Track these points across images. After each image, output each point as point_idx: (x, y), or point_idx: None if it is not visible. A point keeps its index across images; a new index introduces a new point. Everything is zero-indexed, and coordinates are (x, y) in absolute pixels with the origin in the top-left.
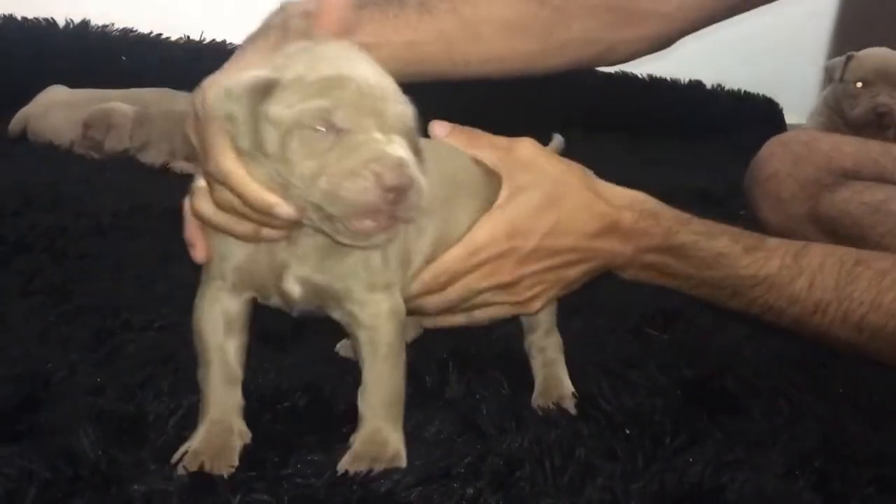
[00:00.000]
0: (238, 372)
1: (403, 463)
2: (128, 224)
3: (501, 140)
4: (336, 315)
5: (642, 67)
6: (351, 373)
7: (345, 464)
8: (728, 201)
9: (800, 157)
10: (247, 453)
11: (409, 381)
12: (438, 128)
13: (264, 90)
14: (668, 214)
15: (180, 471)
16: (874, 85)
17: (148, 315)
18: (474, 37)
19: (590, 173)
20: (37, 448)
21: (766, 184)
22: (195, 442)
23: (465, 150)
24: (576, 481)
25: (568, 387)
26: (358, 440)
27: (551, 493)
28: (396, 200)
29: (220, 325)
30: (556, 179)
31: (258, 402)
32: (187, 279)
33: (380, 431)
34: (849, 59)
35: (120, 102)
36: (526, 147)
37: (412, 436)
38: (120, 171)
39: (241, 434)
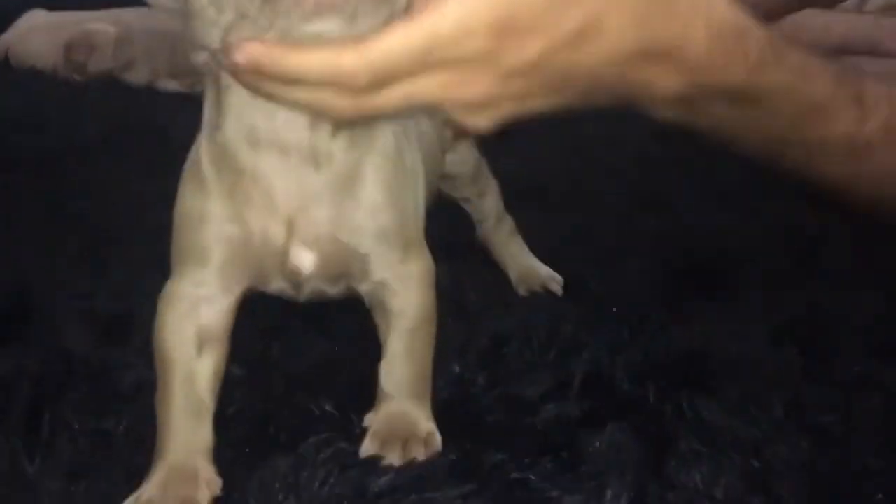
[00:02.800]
0: (209, 403)
1: (440, 445)
2: (114, 143)
3: None
4: (361, 287)
5: None
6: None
7: (369, 448)
8: None
9: (790, 36)
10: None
11: None
12: None
13: None
14: (761, 35)
15: None
16: None
17: (135, 227)
18: None
19: None
20: (28, 349)
21: None
22: (147, 490)
23: None
24: (561, 355)
25: (545, 269)
26: (379, 420)
27: (537, 368)
28: None
29: (190, 341)
30: None
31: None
32: (174, 192)
33: (406, 410)
34: None
35: (101, 23)
36: None
37: None
38: (105, 92)
39: (208, 483)
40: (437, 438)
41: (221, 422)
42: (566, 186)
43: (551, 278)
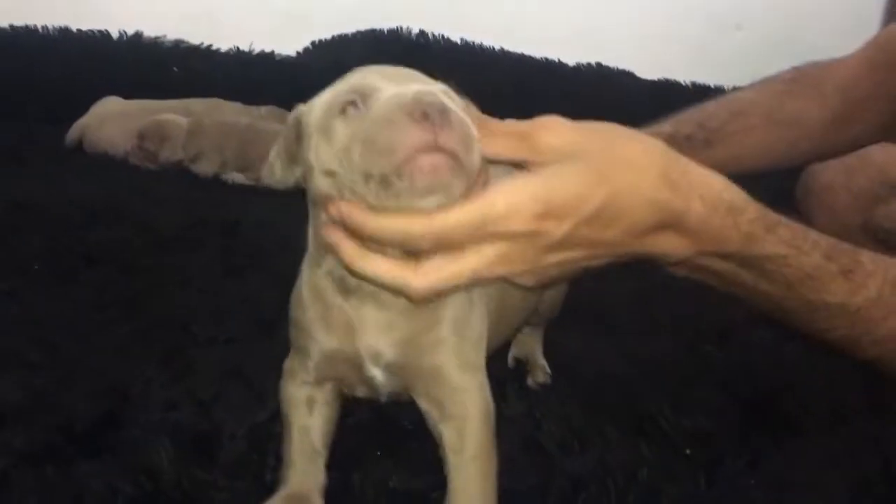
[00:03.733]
0: (321, 450)
1: None
2: (188, 237)
3: (518, 125)
4: (421, 403)
5: (685, 75)
6: None
7: None
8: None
9: (853, 168)
10: None
11: None
12: None
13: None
14: (753, 213)
15: None
16: None
17: (214, 330)
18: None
19: (660, 146)
20: (119, 463)
21: (819, 195)
22: (271, 501)
23: None
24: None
25: (541, 359)
26: None
27: None
28: (434, 125)
29: (303, 406)
30: (605, 152)
31: None
32: (248, 293)
33: None
34: None
35: (173, 114)
36: (554, 130)
37: None
38: (175, 182)
39: None
40: None
41: None
42: (633, 313)
43: (541, 369)
